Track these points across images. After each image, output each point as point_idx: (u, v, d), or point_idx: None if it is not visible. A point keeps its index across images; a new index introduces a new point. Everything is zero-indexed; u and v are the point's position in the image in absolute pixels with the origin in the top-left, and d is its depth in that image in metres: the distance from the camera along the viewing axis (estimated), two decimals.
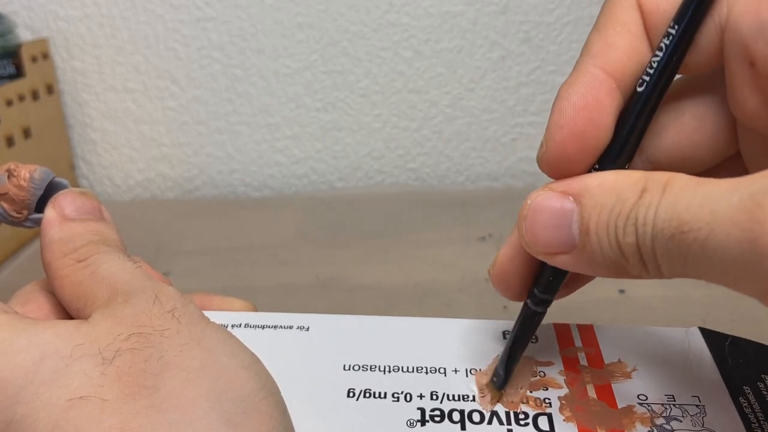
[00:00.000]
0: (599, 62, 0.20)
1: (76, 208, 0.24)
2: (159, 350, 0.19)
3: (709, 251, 0.16)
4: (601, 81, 0.20)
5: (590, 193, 0.19)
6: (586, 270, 0.19)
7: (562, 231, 0.19)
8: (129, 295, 0.21)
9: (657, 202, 0.17)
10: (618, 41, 0.20)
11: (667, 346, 0.25)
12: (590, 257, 0.19)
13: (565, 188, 0.19)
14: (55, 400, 0.18)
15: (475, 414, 0.23)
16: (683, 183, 0.17)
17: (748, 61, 0.19)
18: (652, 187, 0.17)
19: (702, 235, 0.16)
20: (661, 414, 0.22)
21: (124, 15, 0.64)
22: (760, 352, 0.25)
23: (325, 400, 0.23)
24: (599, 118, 0.20)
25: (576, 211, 0.19)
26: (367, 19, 0.64)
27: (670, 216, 0.16)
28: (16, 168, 0.24)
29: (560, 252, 0.19)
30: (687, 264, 0.16)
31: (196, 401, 0.18)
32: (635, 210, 0.17)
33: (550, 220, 0.19)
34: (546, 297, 0.22)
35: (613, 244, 0.18)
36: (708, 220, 0.15)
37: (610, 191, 0.18)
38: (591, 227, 0.18)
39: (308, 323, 0.27)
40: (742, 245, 0.15)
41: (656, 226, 0.17)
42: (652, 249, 0.17)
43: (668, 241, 0.16)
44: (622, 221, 0.18)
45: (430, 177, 0.69)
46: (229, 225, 0.61)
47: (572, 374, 0.24)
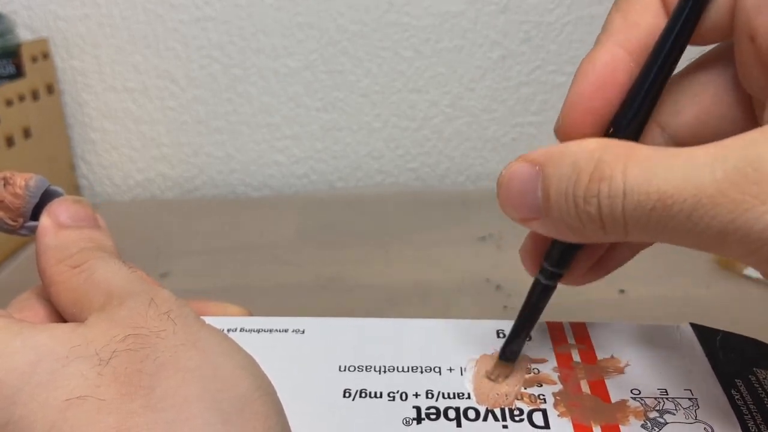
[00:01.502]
0: (619, 39, 0.21)
1: (70, 215, 0.24)
2: (155, 351, 0.19)
3: (693, 221, 0.16)
4: (619, 59, 0.21)
5: (551, 161, 0.19)
6: (554, 234, 0.20)
7: (528, 197, 0.20)
8: (124, 298, 0.21)
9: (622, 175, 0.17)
10: (638, 19, 0.21)
11: (659, 342, 0.26)
12: (554, 222, 0.19)
13: (533, 157, 0.20)
14: (52, 400, 0.18)
15: (470, 411, 0.23)
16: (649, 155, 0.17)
17: (750, 35, 0.19)
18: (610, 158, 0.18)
19: (687, 207, 0.16)
20: (655, 408, 0.23)
21: (123, 15, 0.64)
22: (750, 347, 0.25)
23: (322, 401, 0.23)
24: (615, 96, 0.21)
25: (539, 178, 0.19)
26: (367, 18, 0.64)
27: (647, 189, 0.17)
28: (11, 176, 0.25)
29: (531, 218, 0.20)
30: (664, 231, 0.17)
31: (193, 401, 0.18)
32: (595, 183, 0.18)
33: (519, 186, 0.20)
34: (555, 270, 0.23)
35: (572, 212, 0.19)
36: (694, 192, 0.16)
37: (568, 160, 0.19)
38: (551, 194, 0.19)
39: (303, 326, 0.27)
40: (732, 214, 0.16)
41: (630, 198, 0.17)
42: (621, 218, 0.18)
43: (648, 212, 0.17)
44: (580, 191, 0.18)
45: (430, 177, 0.69)
46: (229, 225, 0.61)
47: (566, 370, 0.24)
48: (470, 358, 0.25)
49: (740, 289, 0.45)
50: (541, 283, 0.23)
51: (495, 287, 0.46)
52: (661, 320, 0.42)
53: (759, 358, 0.25)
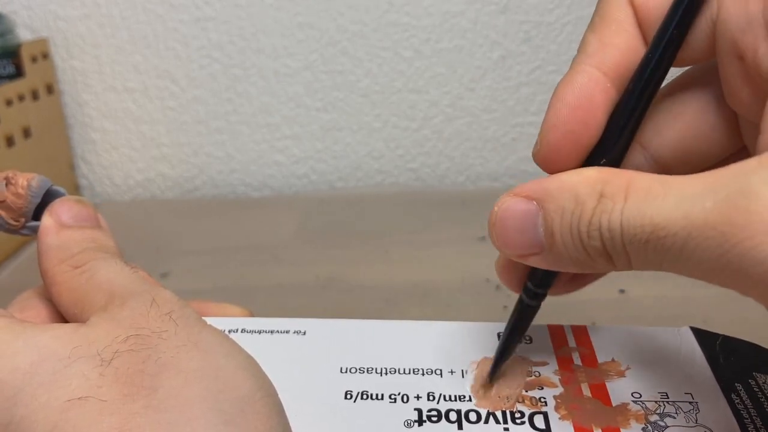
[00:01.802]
0: (595, 61, 0.21)
1: (72, 215, 0.24)
2: (157, 351, 0.19)
3: (687, 253, 0.16)
4: (596, 80, 0.20)
5: (551, 197, 0.19)
6: (557, 268, 0.20)
7: (529, 234, 0.19)
8: (126, 298, 0.21)
9: (621, 208, 0.17)
10: (614, 40, 0.20)
11: (659, 346, 0.26)
12: (558, 257, 0.19)
13: (528, 192, 0.20)
14: (54, 401, 0.18)
15: (471, 414, 0.23)
16: (647, 185, 0.17)
17: (737, 55, 0.19)
18: (612, 191, 0.18)
19: (680, 240, 0.16)
20: (655, 411, 0.23)
21: (123, 15, 0.64)
22: (750, 351, 0.25)
23: (323, 402, 0.23)
24: (592, 119, 0.20)
25: (540, 214, 0.19)
26: (367, 18, 0.64)
27: (642, 222, 0.17)
28: (14, 176, 0.25)
29: (531, 254, 0.20)
30: (663, 262, 0.17)
31: (194, 401, 0.18)
32: (597, 216, 0.18)
33: (517, 224, 0.20)
34: (540, 291, 0.23)
35: (578, 246, 0.18)
36: (683, 224, 0.16)
37: (569, 194, 0.18)
38: (555, 230, 0.19)
39: (305, 327, 0.27)
40: (722, 247, 0.15)
41: (627, 231, 0.17)
42: (623, 250, 0.17)
43: (644, 245, 0.17)
44: (585, 226, 0.18)
45: (430, 177, 0.69)
46: (229, 225, 0.61)
47: (567, 373, 0.24)
48: (471, 361, 0.25)
49: None
50: (524, 303, 0.23)
51: (495, 287, 0.46)
52: (661, 320, 0.42)
53: (759, 363, 0.25)
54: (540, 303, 0.23)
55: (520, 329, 0.24)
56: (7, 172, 0.25)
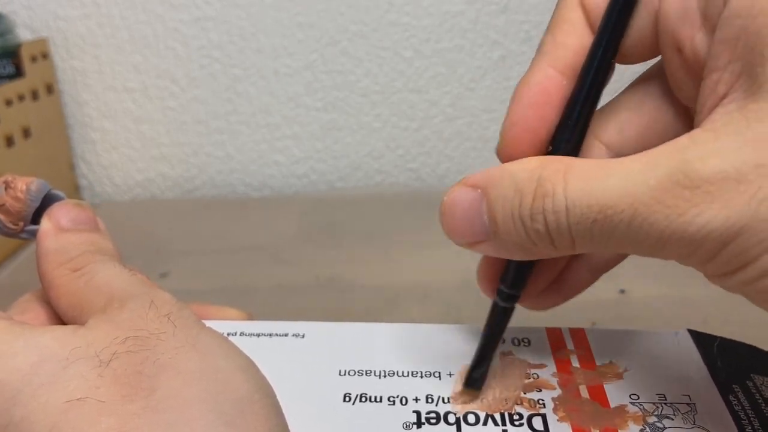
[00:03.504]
0: (549, 60, 0.21)
1: (71, 219, 0.24)
2: (155, 353, 0.19)
3: (634, 229, 0.17)
4: (551, 78, 0.21)
5: (493, 184, 0.20)
6: (504, 255, 0.21)
7: (475, 222, 0.20)
8: (125, 300, 0.21)
9: (562, 191, 0.18)
10: (566, 39, 0.21)
11: (657, 348, 0.26)
12: (503, 243, 0.20)
13: (474, 182, 0.20)
14: (53, 402, 0.18)
15: (470, 416, 0.23)
16: (587, 168, 0.18)
17: (677, 47, 0.20)
18: (549, 175, 0.18)
19: (627, 217, 0.17)
20: (653, 413, 0.23)
21: (123, 14, 0.64)
22: (748, 353, 0.26)
23: (322, 405, 0.24)
24: (548, 114, 0.21)
25: (484, 202, 0.20)
26: (367, 18, 0.64)
27: (588, 202, 0.18)
28: (13, 180, 0.25)
29: (478, 241, 0.20)
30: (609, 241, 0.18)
31: (194, 402, 0.18)
32: (539, 200, 0.18)
33: (464, 213, 0.20)
34: (512, 292, 0.23)
35: (520, 231, 0.19)
36: (630, 201, 0.17)
37: (508, 181, 0.19)
38: (497, 216, 0.19)
39: (303, 331, 0.27)
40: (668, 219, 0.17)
41: (572, 214, 0.18)
42: (567, 233, 0.18)
43: (591, 225, 0.18)
44: (526, 210, 0.19)
45: (430, 177, 0.69)
46: (229, 225, 0.61)
47: (565, 376, 0.25)
48: (462, 365, 0.25)
49: None
50: (499, 306, 0.23)
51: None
52: (661, 320, 0.42)
53: (756, 365, 0.25)
54: (513, 305, 0.23)
55: (496, 332, 0.24)
56: (7, 176, 0.25)
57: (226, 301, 0.47)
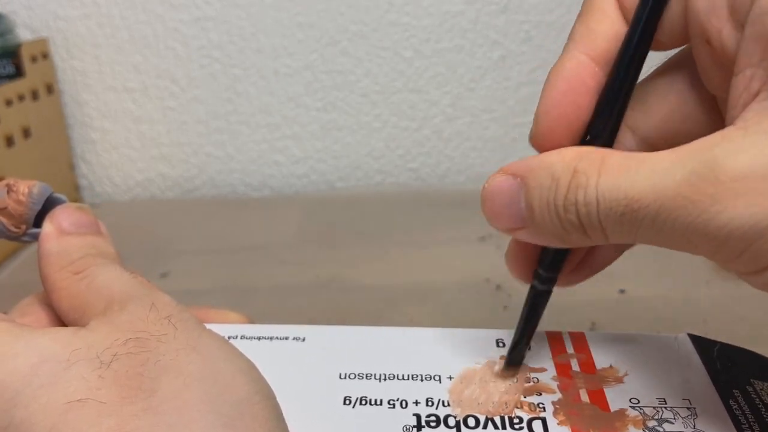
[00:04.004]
0: (582, 47, 0.22)
1: (73, 222, 0.25)
2: (156, 354, 0.19)
3: (659, 224, 0.17)
4: (584, 65, 0.21)
5: (531, 174, 0.20)
6: (540, 242, 0.21)
7: (513, 209, 0.21)
8: (125, 303, 0.21)
9: (595, 183, 0.18)
10: (598, 26, 0.21)
11: (657, 352, 0.26)
12: (539, 231, 0.20)
13: (513, 170, 0.21)
14: (53, 403, 0.18)
15: (470, 419, 0.23)
16: (620, 161, 0.18)
17: (705, 38, 0.20)
18: (586, 167, 0.19)
19: (652, 211, 0.17)
20: (653, 417, 0.23)
21: (123, 14, 0.64)
22: (748, 358, 0.26)
23: (322, 408, 0.24)
24: (583, 101, 0.21)
25: (522, 190, 0.20)
26: (367, 18, 0.64)
27: (616, 195, 0.18)
28: (15, 183, 0.25)
29: (517, 227, 0.21)
30: (637, 233, 0.18)
31: (194, 404, 0.18)
32: (573, 191, 0.19)
33: (504, 199, 0.21)
34: (550, 275, 0.23)
35: (554, 220, 0.20)
36: (656, 197, 0.17)
37: (546, 171, 0.20)
38: (534, 205, 0.20)
39: (304, 334, 0.27)
40: (691, 215, 0.17)
41: (602, 205, 0.18)
42: (598, 224, 0.19)
43: (620, 218, 0.18)
44: (560, 200, 0.19)
45: (430, 177, 0.69)
46: (229, 225, 0.61)
47: (565, 379, 0.25)
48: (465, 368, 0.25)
49: (740, 290, 0.45)
50: (537, 289, 0.24)
51: (495, 287, 0.46)
52: (661, 320, 0.42)
53: (756, 370, 0.25)
54: (551, 288, 0.24)
55: (537, 314, 0.24)
56: (9, 179, 0.25)
57: (226, 301, 0.47)
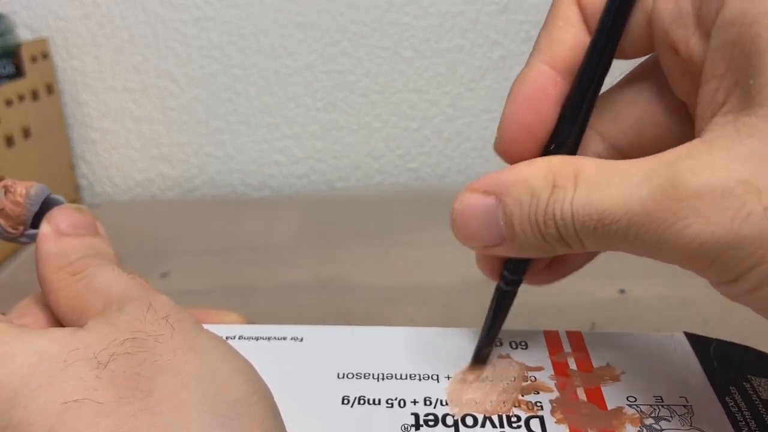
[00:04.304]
0: (545, 57, 0.22)
1: (71, 223, 0.25)
2: (153, 354, 0.19)
3: (631, 237, 0.18)
4: (546, 75, 0.21)
5: (507, 191, 0.20)
6: (518, 254, 0.21)
7: (491, 227, 0.20)
8: (123, 303, 0.21)
9: (571, 198, 0.18)
10: (561, 36, 0.22)
11: (653, 351, 0.26)
12: (519, 245, 0.20)
13: (486, 187, 0.21)
14: (51, 403, 0.18)
15: (468, 418, 0.23)
16: (593, 174, 0.18)
17: (671, 47, 0.20)
18: (562, 181, 0.19)
19: (623, 225, 0.18)
20: (650, 414, 0.23)
21: (123, 14, 0.64)
22: (745, 355, 0.26)
23: (320, 407, 0.24)
24: (546, 111, 0.21)
25: (499, 208, 0.20)
26: (367, 18, 0.64)
27: (589, 210, 0.18)
28: (12, 184, 0.25)
29: (493, 245, 0.21)
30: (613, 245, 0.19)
31: (191, 404, 0.18)
32: (551, 206, 0.19)
33: (478, 219, 0.21)
34: (515, 278, 0.24)
35: (536, 234, 0.20)
36: (624, 212, 0.17)
37: (524, 187, 0.20)
38: (515, 222, 0.20)
39: (302, 334, 0.27)
40: (658, 230, 0.17)
41: (577, 220, 0.18)
42: (575, 236, 0.19)
43: (593, 231, 0.18)
44: (540, 216, 0.19)
45: (431, 177, 0.69)
46: (229, 225, 0.61)
47: (562, 378, 0.25)
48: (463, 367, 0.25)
49: None
50: (502, 290, 0.24)
51: (495, 287, 0.46)
52: (661, 320, 0.42)
53: (753, 366, 0.25)
54: (516, 289, 0.24)
55: (501, 314, 0.25)
56: (6, 180, 0.25)
57: (226, 301, 0.47)
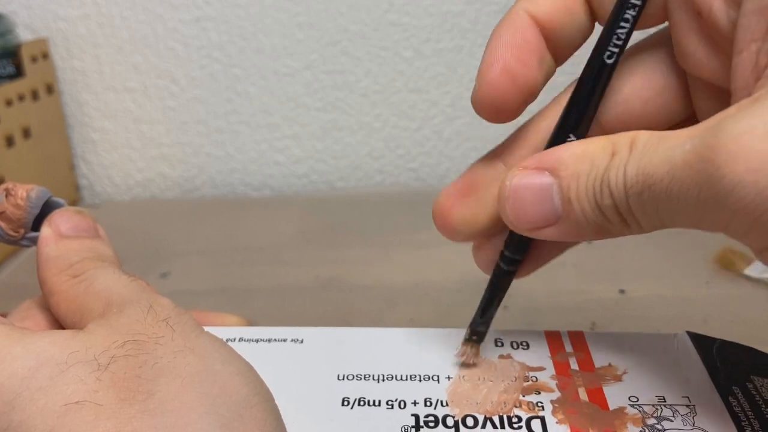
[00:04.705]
0: (528, 6, 0.21)
1: (71, 226, 0.25)
2: (154, 357, 0.19)
3: (674, 198, 0.17)
4: (528, 23, 0.21)
5: (565, 164, 0.19)
6: (571, 237, 0.20)
7: (545, 205, 0.20)
8: (123, 305, 0.21)
9: (625, 162, 0.18)
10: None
11: (656, 350, 0.26)
12: (575, 224, 0.20)
13: (538, 164, 0.20)
14: (51, 405, 0.18)
15: (468, 419, 0.23)
16: (646, 139, 0.18)
17: (695, 11, 0.19)
18: (620, 147, 0.18)
19: (665, 185, 0.17)
20: (652, 414, 0.23)
21: (123, 14, 0.64)
22: (747, 355, 0.26)
23: (321, 409, 0.24)
24: (528, 57, 0.21)
25: (555, 183, 0.20)
26: (368, 18, 0.64)
27: (637, 173, 0.17)
28: (13, 187, 0.25)
29: (545, 225, 0.20)
30: (660, 215, 0.18)
31: (192, 406, 0.18)
32: (608, 173, 0.18)
33: (532, 196, 0.20)
34: (515, 257, 0.23)
35: (594, 209, 0.19)
36: (667, 169, 0.17)
37: (584, 158, 0.19)
38: (572, 196, 0.19)
39: (302, 336, 0.27)
40: (699, 185, 0.16)
41: (627, 185, 0.18)
42: (627, 206, 0.18)
43: (639, 197, 0.17)
44: (598, 185, 0.18)
45: (430, 177, 0.69)
46: (229, 225, 0.61)
47: (564, 378, 0.25)
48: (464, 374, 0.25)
49: (740, 289, 0.45)
50: (502, 269, 0.24)
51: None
52: (661, 320, 0.42)
53: (756, 366, 0.25)
54: (516, 269, 0.24)
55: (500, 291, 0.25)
56: (7, 183, 0.25)
57: (226, 301, 0.47)
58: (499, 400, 0.24)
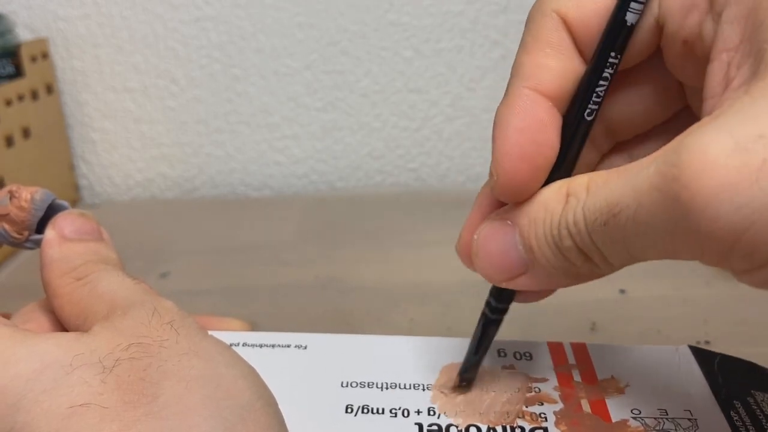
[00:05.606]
0: (533, 84, 0.20)
1: (75, 228, 0.25)
2: (158, 359, 0.19)
3: (641, 225, 0.16)
4: (537, 102, 0.20)
5: (524, 212, 0.20)
6: (546, 285, 0.20)
7: (511, 254, 0.20)
8: (128, 308, 0.21)
9: (583, 202, 0.18)
10: (549, 62, 0.20)
11: (658, 364, 0.26)
12: (544, 271, 0.20)
13: (501, 214, 0.20)
14: (56, 408, 0.18)
15: (472, 428, 0.23)
16: (605, 176, 0.18)
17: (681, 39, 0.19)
18: (575, 189, 0.18)
19: (631, 213, 0.16)
20: (654, 427, 0.23)
21: (123, 14, 0.64)
22: (748, 370, 0.26)
23: (324, 416, 0.24)
24: (544, 138, 0.20)
25: (516, 231, 0.20)
26: (368, 18, 0.64)
27: (599, 205, 0.17)
28: (17, 190, 0.25)
29: (518, 274, 0.20)
30: (628, 245, 0.17)
31: (196, 409, 0.18)
32: (564, 216, 0.18)
33: (498, 247, 0.20)
34: (500, 306, 0.23)
35: (556, 253, 0.19)
36: (632, 195, 0.16)
37: (539, 205, 0.19)
38: (533, 243, 0.19)
39: (306, 342, 0.27)
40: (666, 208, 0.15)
41: (588, 220, 0.17)
42: (591, 243, 0.18)
43: (604, 229, 0.17)
44: (555, 229, 0.18)
45: (430, 177, 0.69)
46: (229, 225, 0.61)
47: (567, 390, 0.25)
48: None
49: (740, 290, 0.45)
50: (488, 318, 0.24)
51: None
52: (661, 320, 0.42)
53: (756, 381, 0.25)
54: (502, 317, 0.24)
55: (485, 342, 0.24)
56: (11, 185, 0.25)
57: (227, 301, 0.47)
58: (503, 410, 0.24)
